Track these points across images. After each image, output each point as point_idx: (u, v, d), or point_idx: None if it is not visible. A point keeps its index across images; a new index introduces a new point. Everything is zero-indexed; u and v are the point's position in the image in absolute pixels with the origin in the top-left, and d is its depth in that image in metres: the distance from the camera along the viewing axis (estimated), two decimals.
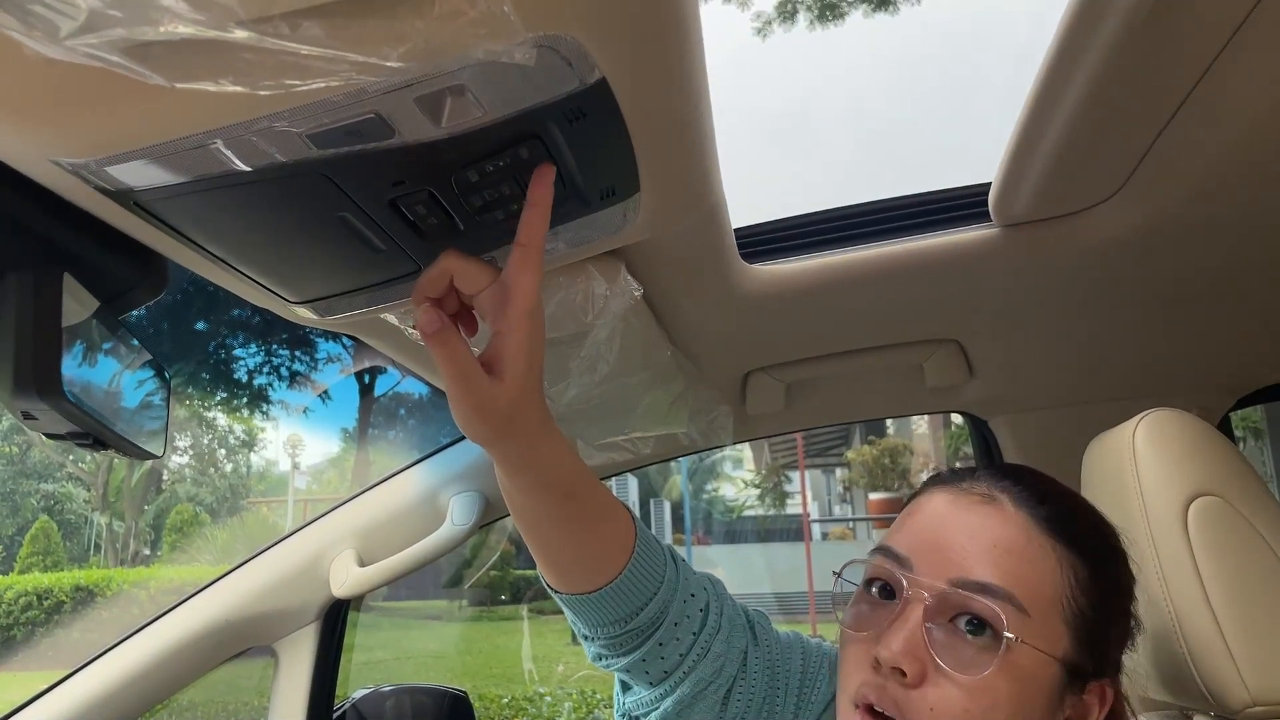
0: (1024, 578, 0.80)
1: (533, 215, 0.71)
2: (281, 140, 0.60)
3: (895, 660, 0.78)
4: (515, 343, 0.72)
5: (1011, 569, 0.80)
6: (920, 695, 0.78)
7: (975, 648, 0.78)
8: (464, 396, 0.72)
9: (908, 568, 0.84)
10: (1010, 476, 0.88)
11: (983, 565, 0.81)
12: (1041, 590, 0.80)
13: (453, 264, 0.72)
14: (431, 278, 0.73)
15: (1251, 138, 0.91)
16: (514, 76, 0.59)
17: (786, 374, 1.53)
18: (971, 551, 0.82)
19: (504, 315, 0.72)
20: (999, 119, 0.97)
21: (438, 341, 0.71)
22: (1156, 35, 0.77)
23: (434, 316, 0.71)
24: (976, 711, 0.77)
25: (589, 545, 0.89)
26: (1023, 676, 0.78)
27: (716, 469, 25.28)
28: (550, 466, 0.81)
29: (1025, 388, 1.64)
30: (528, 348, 0.72)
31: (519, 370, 0.72)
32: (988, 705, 0.77)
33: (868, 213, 1.25)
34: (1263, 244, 1.15)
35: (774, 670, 0.99)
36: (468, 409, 0.73)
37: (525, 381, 0.73)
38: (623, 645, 0.94)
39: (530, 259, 0.71)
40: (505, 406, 0.73)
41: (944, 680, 0.78)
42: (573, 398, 1.14)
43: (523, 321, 0.71)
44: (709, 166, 0.87)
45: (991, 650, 0.78)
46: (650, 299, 1.12)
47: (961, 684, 0.77)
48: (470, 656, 12.15)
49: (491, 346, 0.73)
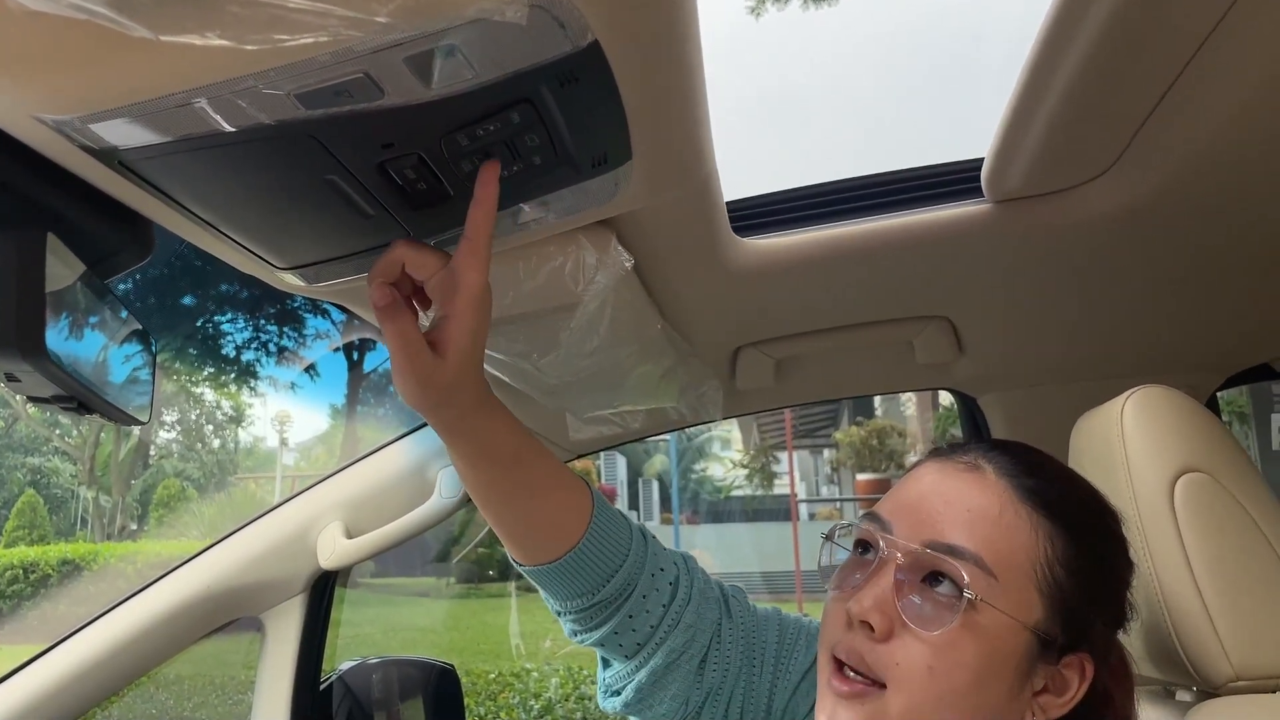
0: (995, 542, 0.82)
1: (479, 211, 0.74)
2: (268, 100, 0.59)
3: (864, 614, 0.81)
4: (459, 327, 0.77)
5: (983, 534, 0.82)
6: (887, 650, 0.81)
7: (940, 605, 0.80)
8: (408, 369, 0.78)
9: (887, 530, 0.86)
10: (1000, 448, 0.90)
11: (955, 528, 0.83)
12: (1013, 557, 0.82)
13: (403, 252, 0.77)
14: (384, 264, 0.78)
15: (1244, 117, 0.90)
16: (506, 37, 0.58)
17: (777, 349, 1.52)
18: (946, 516, 0.84)
19: (451, 301, 0.77)
20: (993, 95, 0.97)
21: (387, 316, 0.77)
22: (1149, 11, 0.76)
23: (385, 292, 0.77)
24: (941, 668, 0.79)
25: (540, 515, 0.93)
26: (989, 638, 0.80)
27: (705, 449, 25.37)
28: (486, 437, 0.87)
29: (1015, 365, 1.64)
30: (471, 332, 0.78)
31: (461, 351, 0.78)
32: (952, 663, 0.79)
33: (860, 187, 1.24)
34: (1252, 224, 1.15)
35: (749, 641, 1.02)
36: (409, 379, 0.79)
37: (466, 361, 0.79)
38: (593, 618, 0.97)
39: (476, 252, 0.76)
40: (445, 382, 0.79)
41: (910, 637, 0.80)
42: (562, 370, 1.14)
43: (468, 309, 0.77)
44: (702, 136, 0.86)
45: (955, 609, 0.80)
46: (641, 271, 1.12)
47: (927, 640, 0.79)
48: (458, 632, 12.19)
49: (438, 327, 0.79)
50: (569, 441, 1.52)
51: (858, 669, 0.82)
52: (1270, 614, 0.95)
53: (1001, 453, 0.89)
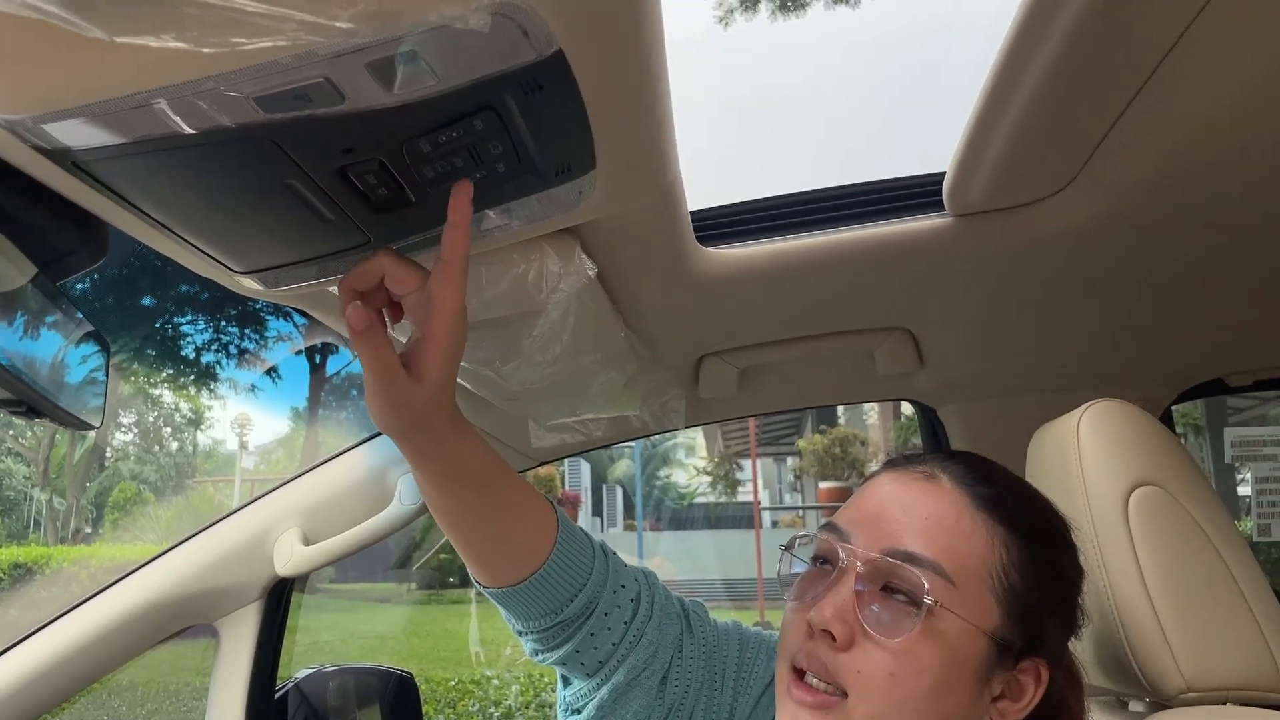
0: (953, 550, 0.83)
1: (454, 235, 0.74)
2: (227, 102, 0.58)
3: (825, 623, 0.82)
4: (436, 350, 0.76)
5: (941, 541, 0.83)
6: (849, 658, 0.81)
7: (900, 613, 0.81)
8: (382, 393, 0.77)
9: (846, 539, 0.87)
10: (955, 458, 0.91)
11: (913, 536, 0.84)
12: (970, 563, 0.83)
13: (385, 264, 0.76)
14: (362, 273, 0.76)
15: (1198, 136, 0.92)
16: (469, 45, 0.58)
17: (740, 358, 1.53)
18: (904, 524, 0.85)
19: (428, 322, 0.76)
20: (955, 110, 0.98)
21: (363, 340, 0.75)
22: (1109, 30, 0.77)
23: (362, 314, 0.74)
24: (902, 675, 0.80)
25: (508, 537, 0.92)
26: (948, 644, 0.81)
27: (669, 455, 25.37)
28: (459, 460, 0.86)
29: (974, 377, 1.66)
30: (447, 354, 0.77)
31: (437, 375, 0.77)
32: (913, 670, 0.80)
33: (823, 199, 1.25)
34: (1206, 241, 1.17)
35: (711, 656, 1.02)
36: (384, 404, 0.77)
37: (441, 384, 0.78)
38: (555, 637, 0.97)
39: (452, 274, 0.74)
40: (419, 406, 0.78)
41: (871, 645, 0.81)
42: (525, 377, 1.13)
43: (444, 331, 0.75)
44: (666, 146, 0.86)
45: (915, 616, 0.80)
46: (605, 279, 1.12)
47: (888, 647, 0.80)
48: (418, 639, 12.09)
49: (414, 348, 0.77)
50: (531, 448, 1.51)
51: (820, 677, 0.82)
52: (1221, 626, 0.97)
53: (956, 462, 0.90)
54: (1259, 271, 1.27)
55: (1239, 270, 1.27)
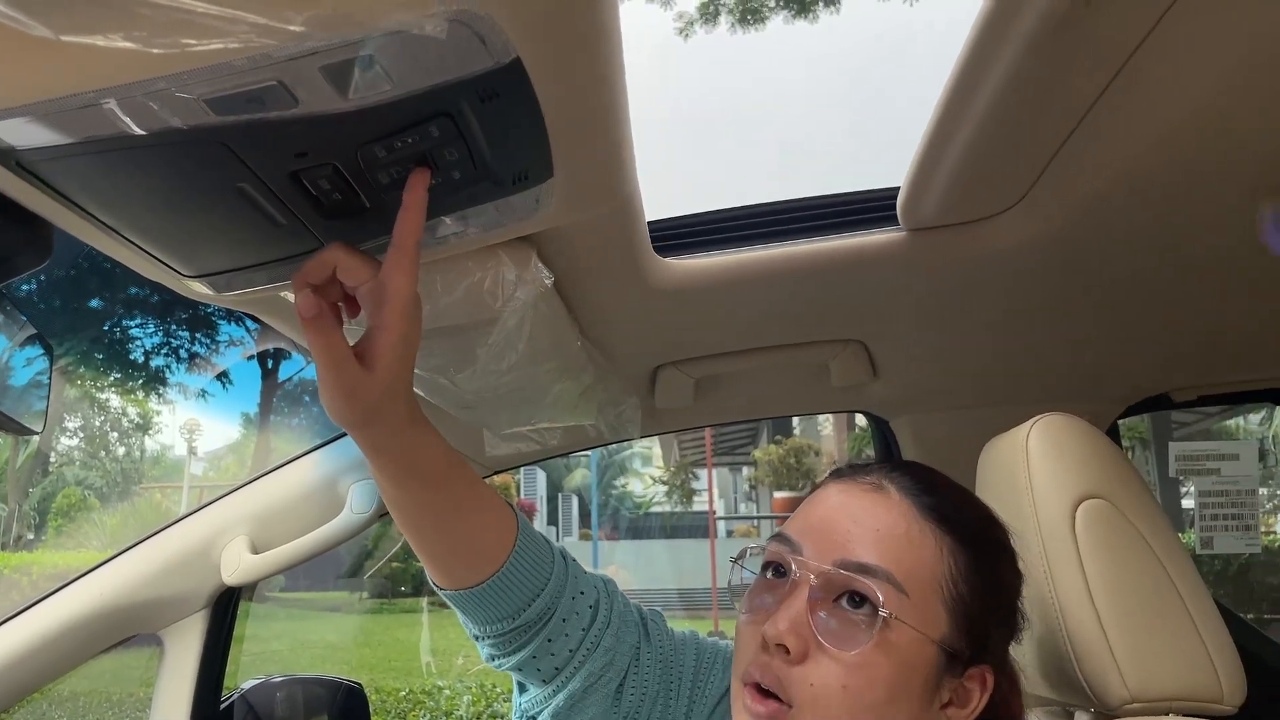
0: (903, 560, 0.84)
1: (407, 218, 0.73)
2: (178, 104, 0.58)
3: (779, 637, 0.81)
4: (389, 339, 0.75)
5: (892, 551, 0.84)
6: (802, 672, 0.81)
7: (855, 625, 0.81)
8: (334, 383, 0.75)
9: (797, 551, 0.87)
10: (900, 469, 0.92)
11: (865, 547, 0.84)
12: (920, 572, 0.84)
13: (336, 256, 0.74)
14: (314, 266, 0.74)
15: (1147, 156, 0.94)
16: (425, 51, 0.58)
17: (696, 369, 1.53)
18: (855, 535, 0.85)
19: (380, 312, 0.74)
20: (910, 126, 0.99)
21: (314, 328, 0.73)
22: (1059, 52, 0.79)
23: (312, 303, 0.72)
24: (855, 687, 0.80)
25: (466, 537, 0.91)
26: (900, 655, 0.81)
27: (626, 465, 25.36)
28: (416, 455, 0.84)
29: (926, 389, 1.68)
30: (401, 344, 0.75)
31: (390, 364, 0.75)
32: (866, 682, 0.80)
33: (780, 211, 1.26)
34: (1153, 258, 1.20)
35: (667, 665, 1.01)
36: (336, 395, 0.76)
37: (395, 375, 0.76)
38: (512, 642, 0.95)
39: (404, 261, 0.73)
40: (374, 396, 0.76)
41: (825, 657, 0.81)
42: (479, 386, 1.13)
43: (397, 320, 0.74)
44: (624, 155, 0.86)
45: (870, 627, 0.81)
46: (562, 288, 1.11)
47: (841, 660, 0.80)
48: (369, 648, 11.95)
49: (367, 339, 0.76)
50: (486, 457, 1.50)
51: (773, 691, 0.82)
52: (1164, 638, 0.98)
53: (902, 472, 0.91)
54: (1205, 290, 1.30)
55: (1185, 288, 1.29)
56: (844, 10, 9.13)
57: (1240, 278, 1.24)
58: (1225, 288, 1.29)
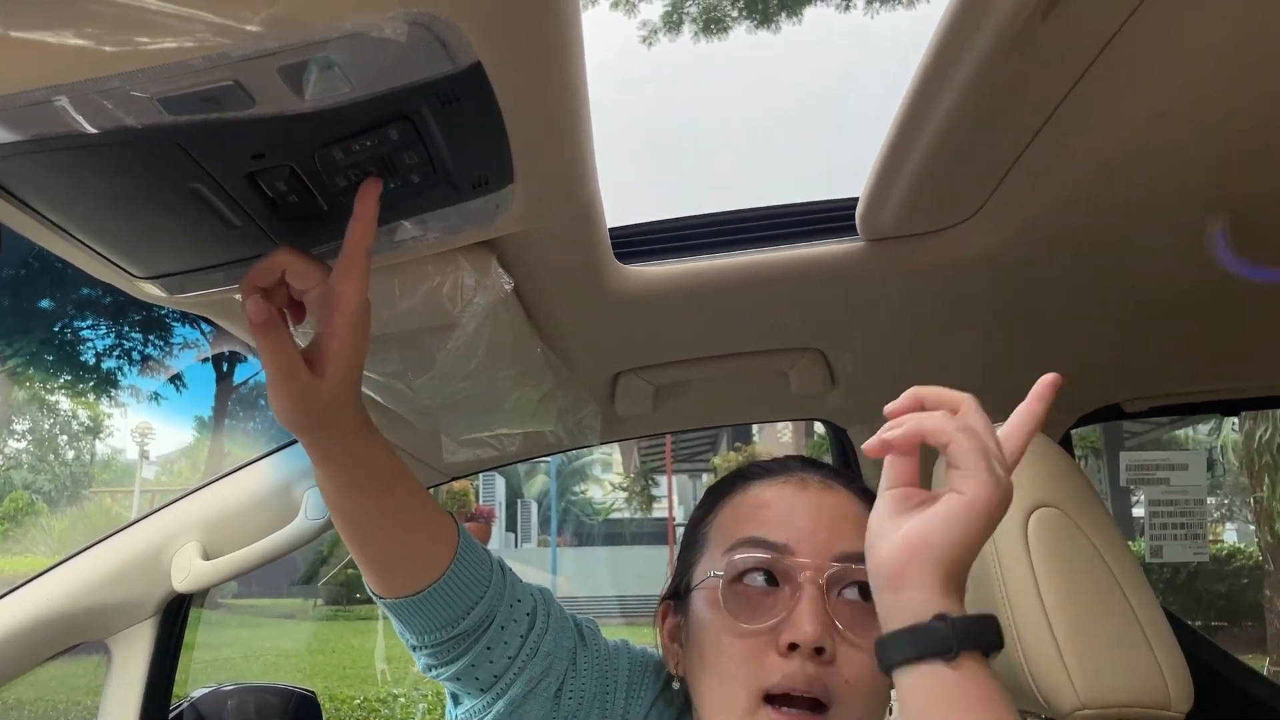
0: None
1: (357, 227, 0.73)
2: (132, 102, 0.57)
3: (815, 640, 0.83)
4: (337, 345, 0.75)
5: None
6: (836, 671, 0.84)
7: (868, 612, 0.82)
8: (283, 388, 0.75)
9: (790, 553, 0.89)
10: (818, 465, 0.99)
11: (852, 539, 0.88)
12: None
13: (285, 259, 0.74)
14: (263, 269, 0.74)
15: (1099, 171, 0.95)
16: (384, 53, 0.57)
17: (656, 376, 1.53)
18: (841, 529, 0.90)
19: (329, 318, 0.75)
20: (870, 137, 1.00)
21: (262, 332, 0.73)
22: (1014, 68, 0.80)
23: (261, 307, 0.72)
24: (879, 673, 0.81)
25: (408, 545, 0.91)
26: None
27: (585, 471, 25.32)
28: (362, 462, 0.84)
29: (883, 398, 1.67)
30: (349, 350, 0.76)
31: (339, 370, 0.76)
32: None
33: (740, 220, 1.26)
34: (1105, 270, 1.22)
35: (603, 671, 1.02)
36: (285, 400, 0.76)
37: (344, 381, 0.77)
38: (450, 651, 0.95)
39: (354, 268, 0.73)
40: (322, 401, 0.77)
41: (852, 650, 0.84)
42: (438, 391, 1.12)
43: (346, 326, 0.74)
44: (585, 162, 0.86)
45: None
46: (522, 294, 1.11)
47: (867, 648, 0.82)
48: (323, 656, 11.81)
49: (315, 344, 0.76)
50: (443, 463, 1.49)
51: (816, 697, 0.83)
52: (1114, 645, 1.00)
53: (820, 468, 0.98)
54: (1154, 303, 1.32)
55: (1135, 302, 1.32)
56: (806, 21, 9.21)
57: (1188, 292, 1.26)
58: (1174, 301, 1.31)
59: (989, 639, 0.71)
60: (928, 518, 0.73)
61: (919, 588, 0.71)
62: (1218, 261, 1.09)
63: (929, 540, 0.72)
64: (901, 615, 0.71)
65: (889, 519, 0.75)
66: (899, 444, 0.76)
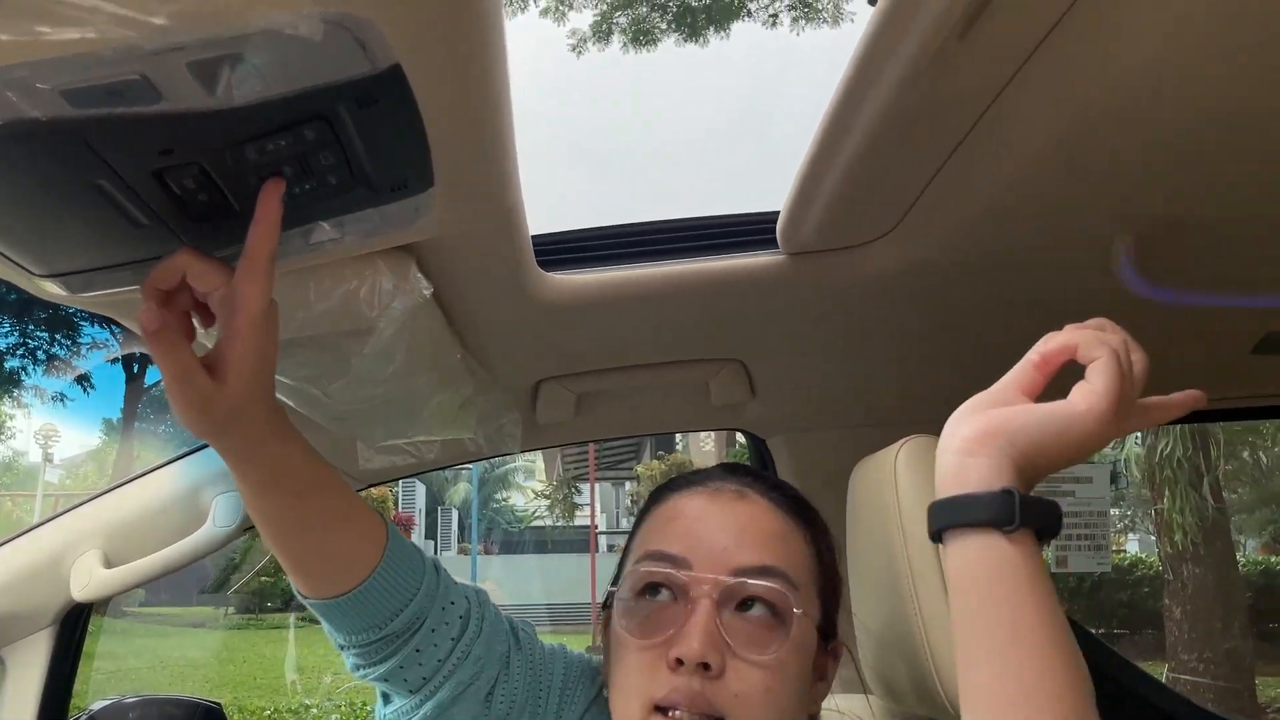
0: (788, 556, 0.90)
1: (259, 229, 0.71)
2: (35, 94, 0.54)
3: (700, 655, 0.82)
4: (241, 349, 0.73)
5: (777, 550, 0.89)
6: (723, 685, 0.83)
7: (765, 628, 0.85)
8: (182, 395, 0.74)
9: (686, 567, 0.88)
10: (742, 473, 0.99)
11: (756, 552, 0.88)
12: (801, 564, 0.91)
13: (186, 261, 0.72)
14: (163, 271, 0.72)
15: (1012, 188, 0.98)
16: (300, 52, 0.56)
17: (578, 384, 1.53)
18: (744, 542, 0.89)
19: (232, 322, 0.73)
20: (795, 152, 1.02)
21: (156, 341, 0.72)
22: (932, 89, 0.82)
23: (154, 316, 0.71)
24: (775, 687, 0.84)
25: (334, 547, 0.89)
26: (801, 645, 0.87)
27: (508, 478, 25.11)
28: (279, 465, 0.83)
29: (802, 409, 1.71)
30: (254, 354, 0.74)
31: (243, 375, 0.74)
32: (784, 679, 0.84)
33: (664, 231, 1.27)
34: (1019, 285, 1.25)
35: (536, 674, 1.01)
36: (186, 407, 0.74)
37: (250, 385, 0.75)
38: (379, 652, 0.93)
39: (256, 271, 0.72)
40: (226, 407, 0.75)
41: (743, 665, 0.83)
42: (353, 397, 1.10)
43: (249, 330, 0.73)
44: (507, 168, 0.86)
45: (780, 627, 0.85)
46: (442, 299, 1.10)
47: (760, 664, 0.83)
48: (234, 666, 11.50)
49: (219, 348, 0.74)
50: (359, 470, 1.46)
51: (701, 712, 0.83)
52: None
53: (752, 477, 0.97)
54: (1065, 320, 1.36)
55: (1047, 317, 1.35)
56: (734, 36, 9.32)
57: (1097, 308, 1.30)
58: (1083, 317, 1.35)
59: (1051, 523, 0.72)
60: (1028, 408, 0.75)
61: (992, 458, 0.72)
62: (1122, 280, 1.13)
63: (1016, 423, 0.74)
64: (965, 482, 0.73)
65: (987, 401, 0.78)
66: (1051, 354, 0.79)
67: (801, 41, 9.52)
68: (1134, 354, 0.77)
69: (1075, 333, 0.78)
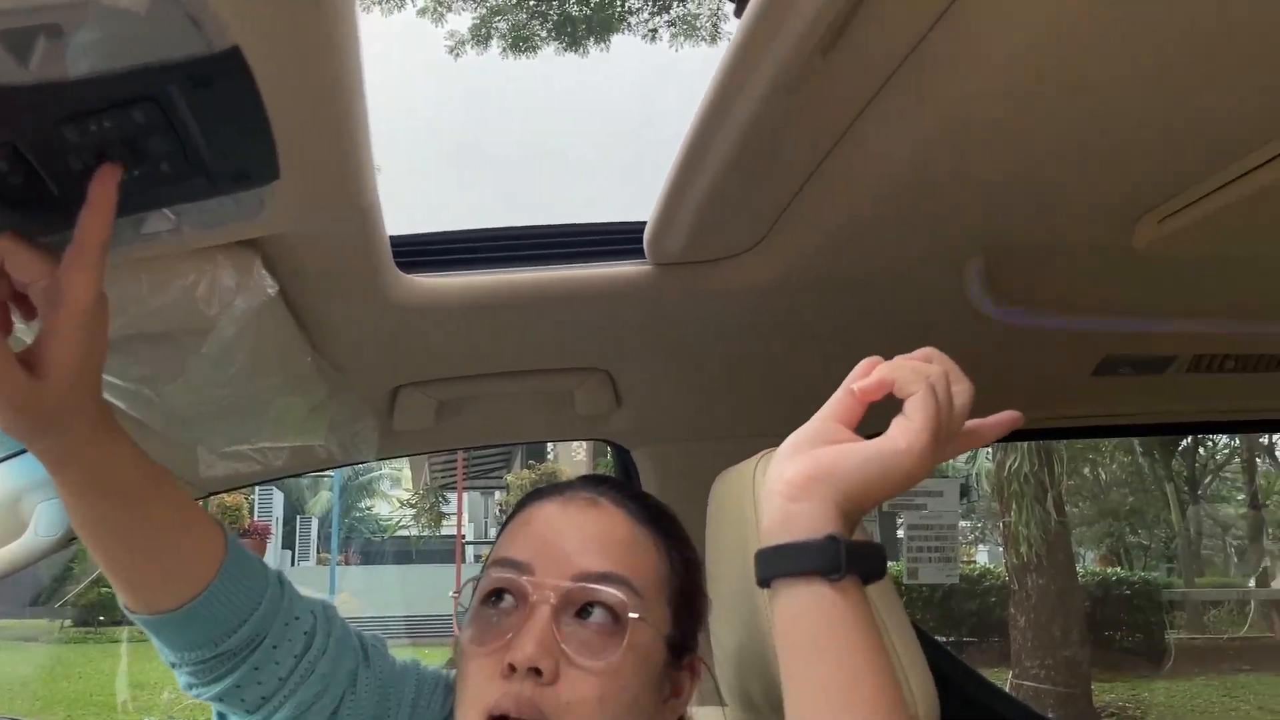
0: (634, 564, 0.89)
1: (89, 215, 0.65)
2: None
3: (530, 660, 0.81)
4: (64, 346, 0.67)
5: (623, 558, 0.88)
6: (554, 693, 0.81)
7: (602, 634, 0.84)
8: None
9: (529, 572, 0.87)
10: (604, 482, 0.98)
11: (599, 558, 0.87)
12: (649, 574, 0.89)
13: (5, 247, 0.66)
14: None
15: (866, 210, 1.01)
16: (126, 26, 0.52)
17: (438, 391, 1.49)
18: (588, 547, 0.88)
19: (54, 315, 0.67)
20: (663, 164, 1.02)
21: None
22: (793, 108, 0.83)
23: None
24: (609, 695, 0.82)
25: (163, 558, 0.83)
26: (642, 655, 0.85)
27: (373, 486, 24.51)
28: (107, 471, 0.77)
29: (667, 420, 1.71)
30: (79, 351, 0.68)
31: (66, 373, 0.68)
32: (618, 688, 0.83)
33: (531, 236, 1.26)
34: (875, 300, 1.28)
35: (385, 691, 0.98)
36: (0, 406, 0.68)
37: (74, 384, 0.69)
38: (214, 670, 0.88)
39: (84, 260, 0.66)
40: (46, 407, 0.69)
41: (577, 672, 0.82)
42: (190, 400, 1.03)
43: (73, 325, 0.67)
44: (361, 163, 0.82)
45: (617, 635, 0.84)
46: (291, 299, 1.05)
47: (594, 671, 0.82)
48: (67, 682, 10.83)
49: (39, 344, 0.68)
50: (199, 478, 1.39)
51: (527, 718, 0.81)
52: None
53: (609, 486, 0.97)
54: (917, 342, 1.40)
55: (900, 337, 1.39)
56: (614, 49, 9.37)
57: (950, 327, 1.35)
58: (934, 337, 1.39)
59: (876, 567, 0.74)
60: (850, 449, 0.75)
61: (817, 504, 0.73)
62: (971, 300, 1.17)
63: (840, 466, 0.74)
64: (791, 529, 0.73)
65: (809, 438, 0.78)
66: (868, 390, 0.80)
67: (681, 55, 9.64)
68: (957, 384, 0.79)
69: (894, 367, 0.80)
